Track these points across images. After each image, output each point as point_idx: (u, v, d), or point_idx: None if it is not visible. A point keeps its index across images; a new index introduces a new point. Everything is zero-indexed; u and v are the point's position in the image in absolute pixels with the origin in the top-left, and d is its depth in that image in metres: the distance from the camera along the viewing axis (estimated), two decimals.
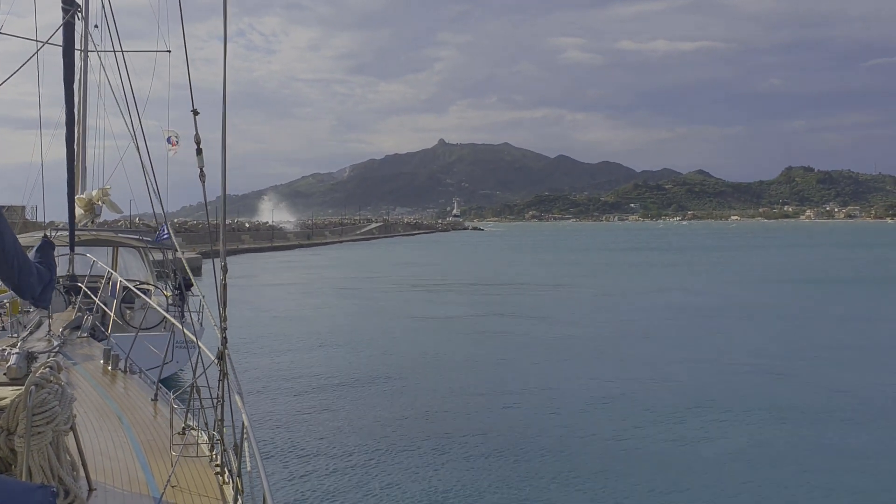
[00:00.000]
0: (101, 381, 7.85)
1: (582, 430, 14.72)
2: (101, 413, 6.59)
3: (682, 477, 12.03)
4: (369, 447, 13.67)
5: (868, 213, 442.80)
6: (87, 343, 10.09)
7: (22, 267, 4.16)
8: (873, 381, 19.10)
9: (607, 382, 18.92)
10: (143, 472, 5.17)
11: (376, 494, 11.28)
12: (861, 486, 11.72)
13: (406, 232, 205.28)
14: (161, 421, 6.52)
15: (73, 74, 14.86)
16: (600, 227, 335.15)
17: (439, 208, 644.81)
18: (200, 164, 5.54)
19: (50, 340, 8.37)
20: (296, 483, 11.64)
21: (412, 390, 18.68)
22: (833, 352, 23.40)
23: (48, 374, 4.02)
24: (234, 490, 4.57)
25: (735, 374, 20.09)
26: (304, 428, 14.83)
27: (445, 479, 11.95)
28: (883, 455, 13.16)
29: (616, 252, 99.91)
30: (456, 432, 14.60)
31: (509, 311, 34.20)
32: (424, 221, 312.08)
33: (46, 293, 4.69)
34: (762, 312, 33.19)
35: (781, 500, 11.29)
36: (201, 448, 5.71)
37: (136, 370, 8.75)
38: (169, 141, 17.20)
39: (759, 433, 14.51)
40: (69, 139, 14.67)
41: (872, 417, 15.68)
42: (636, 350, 23.86)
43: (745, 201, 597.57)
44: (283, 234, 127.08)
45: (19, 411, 3.83)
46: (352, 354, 23.60)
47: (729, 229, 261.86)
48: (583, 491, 11.43)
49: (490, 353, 23.61)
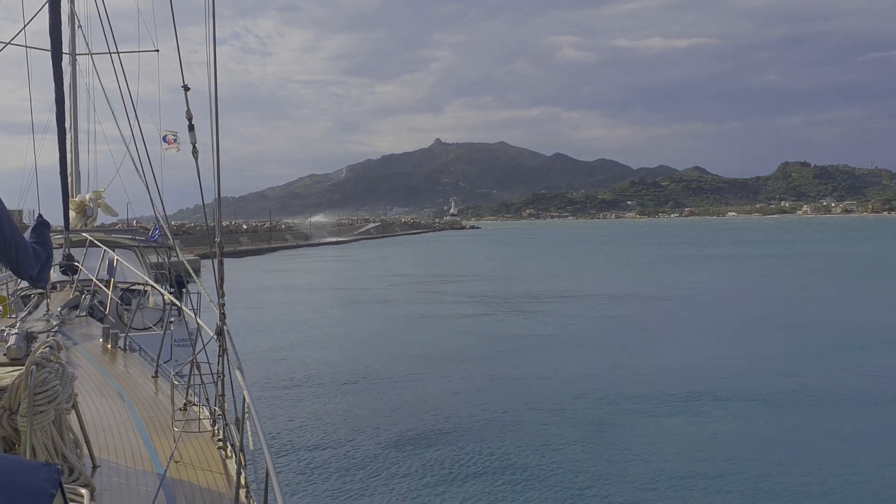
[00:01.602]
0: (101, 360, 7.88)
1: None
2: (102, 391, 6.63)
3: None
4: (370, 420, 13.90)
5: (865, 208, 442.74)
6: (85, 322, 10.10)
7: (19, 246, 4.20)
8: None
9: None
10: (147, 449, 5.22)
11: (377, 465, 11.39)
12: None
13: (404, 231, 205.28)
14: (162, 397, 6.57)
15: (61, 78, 14.85)
16: (611, 225, 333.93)
17: (436, 208, 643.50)
18: (193, 141, 5.58)
19: (49, 320, 8.40)
20: (298, 455, 11.71)
21: (412, 368, 19.11)
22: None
23: (48, 353, 4.08)
24: (236, 464, 4.62)
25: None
26: (304, 402, 14.98)
27: (446, 455, 12.06)
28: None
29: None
30: (458, 414, 14.72)
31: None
32: (422, 221, 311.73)
33: (44, 273, 4.72)
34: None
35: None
36: (203, 423, 5.77)
37: (135, 347, 8.76)
38: (165, 140, 17.11)
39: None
40: (61, 142, 14.70)
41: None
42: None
43: (741, 197, 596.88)
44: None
45: (21, 391, 3.88)
46: (351, 338, 23.88)
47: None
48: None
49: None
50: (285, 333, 26.05)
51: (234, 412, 4.98)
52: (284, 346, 23.49)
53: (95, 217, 21.51)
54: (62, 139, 14.98)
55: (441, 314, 32.28)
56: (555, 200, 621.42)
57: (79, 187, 23.37)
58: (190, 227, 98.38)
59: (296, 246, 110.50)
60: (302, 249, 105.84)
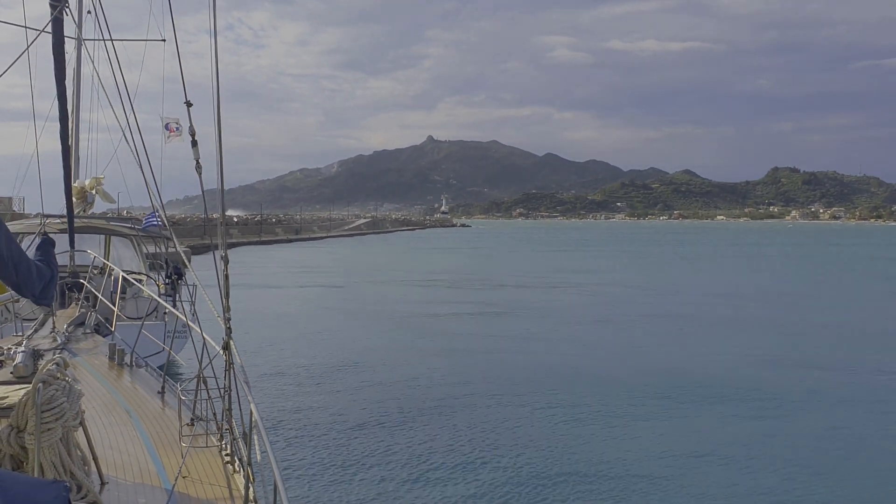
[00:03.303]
0: (108, 376, 7.84)
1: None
2: (109, 408, 6.60)
3: None
4: (378, 428, 13.77)
5: (852, 215, 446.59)
6: (91, 339, 10.06)
7: (19, 265, 4.11)
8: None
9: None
10: (154, 465, 5.18)
11: (387, 478, 11.28)
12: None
13: (394, 228, 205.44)
14: (169, 413, 6.56)
15: (63, 65, 14.69)
16: (612, 227, 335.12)
17: (427, 205, 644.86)
18: (196, 157, 5.49)
19: (55, 337, 8.33)
20: (307, 469, 11.60)
21: (424, 374, 18.88)
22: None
23: (55, 370, 4.03)
24: (244, 479, 4.59)
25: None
26: (311, 415, 14.85)
27: (457, 464, 11.95)
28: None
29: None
30: (471, 421, 14.62)
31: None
32: (413, 218, 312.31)
33: (48, 291, 4.62)
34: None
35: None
36: (210, 438, 5.74)
37: (141, 364, 8.75)
38: (167, 128, 16.93)
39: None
40: (63, 130, 14.53)
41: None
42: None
43: (730, 201, 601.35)
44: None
45: (28, 409, 3.84)
46: (358, 342, 23.70)
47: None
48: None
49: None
50: (287, 335, 25.86)
51: (242, 426, 4.93)
52: (287, 350, 23.18)
53: (94, 203, 21.40)
54: (64, 127, 14.81)
55: (456, 315, 31.75)
56: (545, 200, 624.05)
57: (77, 174, 23.23)
58: (180, 219, 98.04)
59: (287, 241, 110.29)
60: (294, 244, 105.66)
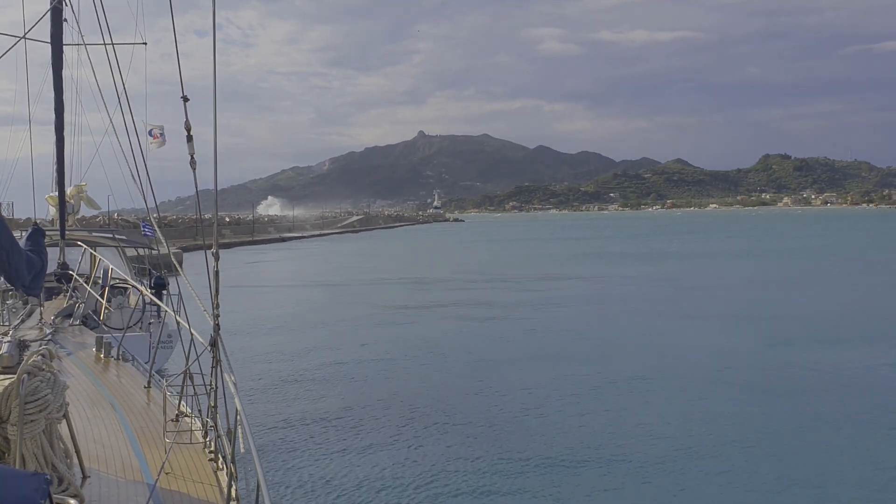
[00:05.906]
0: (94, 369, 7.81)
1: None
2: (94, 401, 6.56)
3: None
4: (361, 429, 13.77)
5: (844, 200, 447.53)
6: (79, 331, 10.02)
7: (11, 254, 4.12)
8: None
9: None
10: (137, 459, 5.15)
11: (369, 476, 11.31)
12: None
13: (387, 224, 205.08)
14: (154, 408, 6.52)
15: (61, 67, 14.65)
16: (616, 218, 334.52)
17: (420, 200, 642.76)
18: (191, 151, 5.48)
19: (42, 329, 8.31)
20: (289, 468, 11.63)
21: (403, 372, 18.91)
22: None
23: (40, 362, 4.02)
24: (227, 476, 4.58)
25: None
26: (296, 413, 14.87)
27: (436, 461, 12.01)
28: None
29: None
30: (448, 415, 14.70)
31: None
32: (405, 214, 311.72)
33: (38, 281, 4.63)
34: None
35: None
36: (195, 434, 5.70)
37: (128, 358, 8.70)
38: (151, 134, 16.92)
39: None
40: (58, 132, 14.52)
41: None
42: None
43: (723, 189, 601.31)
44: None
45: (12, 399, 3.84)
46: (342, 341, 23.67)
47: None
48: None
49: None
50: (274, 333, 25.86)
51: (227, 423, 4.92)
52: (274, 350, 23.19)
53: (77, 211, 21.27)
54: (59, 130, 14.77)
55: (443, 313, 31.77)
56: (538, 193, 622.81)
57: (70, 180, 23.13)
58: (172, 220, 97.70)
59: (280, 239, 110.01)
60: (287, 242, 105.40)
